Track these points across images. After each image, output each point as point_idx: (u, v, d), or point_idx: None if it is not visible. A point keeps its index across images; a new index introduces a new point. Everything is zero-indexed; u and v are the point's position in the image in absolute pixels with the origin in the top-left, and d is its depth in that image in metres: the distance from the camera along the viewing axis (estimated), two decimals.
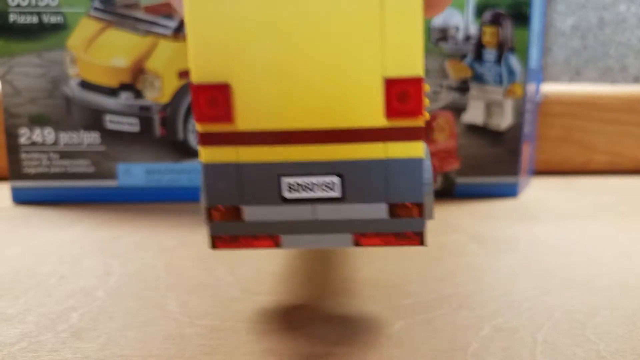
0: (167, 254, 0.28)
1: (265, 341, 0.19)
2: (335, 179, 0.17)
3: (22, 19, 0.35)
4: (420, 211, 0.17)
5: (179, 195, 0.38)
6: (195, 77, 0.16)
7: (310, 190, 0.17)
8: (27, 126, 0.36)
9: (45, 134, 0.36)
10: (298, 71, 0.16)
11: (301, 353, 0.18)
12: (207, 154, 0.17)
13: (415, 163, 0.16)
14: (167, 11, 0.36)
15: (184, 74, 0.36)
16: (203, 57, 0.16)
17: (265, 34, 0.16)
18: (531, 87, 0.40)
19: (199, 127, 0.16)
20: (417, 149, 0.16)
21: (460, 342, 0.19)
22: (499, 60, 0.38)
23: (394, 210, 0.17)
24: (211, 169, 0.17)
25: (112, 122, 0.37)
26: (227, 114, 0.16)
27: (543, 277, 0.25)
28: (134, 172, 0.37)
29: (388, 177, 0.17)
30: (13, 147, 0.36)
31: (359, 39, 0.16)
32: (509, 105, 0.39)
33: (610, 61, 0.51)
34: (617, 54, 0.51)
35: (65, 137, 0.37)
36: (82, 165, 0.37)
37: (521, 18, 0.37)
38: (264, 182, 0.17)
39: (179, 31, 0.36)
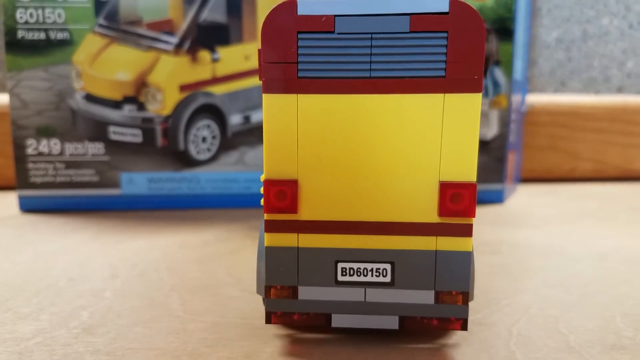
0: (169, 257, 0.29)
1: (262, 335, 0.20)
2: (387, 266, 0.18)
3: (30, 35, 0.37)
4: (464, 299, 0.18)
5: (180, 202, 0.39)
6: (267, 174, 0.18)
7: (363, 275, 0.18)
8: (34, 137, 0.38)
9: (51, 145, 0.38)
10: (360, 170, 0.18)
11: (296, 338, 0.20)
12: (270, 239, 0.18)
13: (463, 256, 0.18)
14: (169, 28, 0.37)
15: (184, 87, 0.38)
16: (275, 155, 0.18)
17: (332, 137, 0.17)
18: (516, 98, 0.42)
19: (266, 216, 0.18)
20: (465, 244, 0.18)
21: (441, 334, 0.20)
22: (484, 73, 0.39)
23: (440, 297, 0.18)
24: (273, 252, 0.18)
25: (115, 133, 0.38)
26: (292, 207, 0.18)
27: (522, 277, 0.26)
28: (137, 181, 0.39)
29: (437, 267, 0.18)
30: (20, 158, 0.38)
31: (419, 146, 0.17)
32: (494, 116, 0.41)
33: (594, 72, 0.53)
34: (600, 65, 0.53)
35: (70, 148, 0.38)
36: (86, 174, 0.38)
37: (506, 33, 0.39)
38: (320, 266, 0.18)
39: (179, 47, 0.37)
